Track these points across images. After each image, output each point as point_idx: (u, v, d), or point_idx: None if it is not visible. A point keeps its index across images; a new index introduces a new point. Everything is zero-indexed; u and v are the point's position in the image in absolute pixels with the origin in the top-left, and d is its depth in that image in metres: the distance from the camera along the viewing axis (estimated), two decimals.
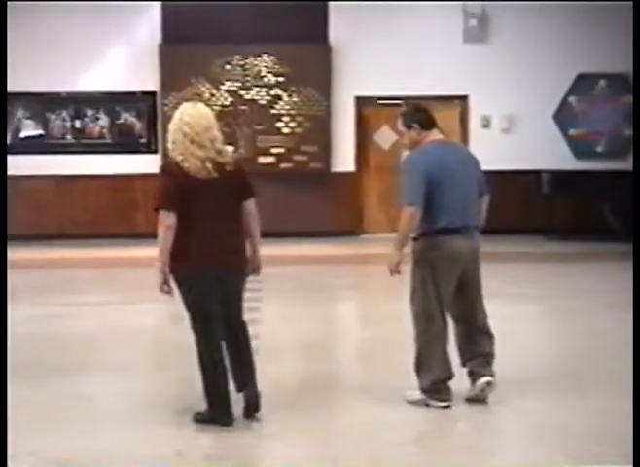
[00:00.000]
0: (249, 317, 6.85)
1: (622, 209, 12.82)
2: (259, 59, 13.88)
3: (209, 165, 4.91)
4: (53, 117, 13.96)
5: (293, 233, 13.54)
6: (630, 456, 4.04)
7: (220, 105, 13.65)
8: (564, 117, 14.24)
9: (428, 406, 5.38)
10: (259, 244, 5.19)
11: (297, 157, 14.02)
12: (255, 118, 13.93)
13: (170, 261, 4.93)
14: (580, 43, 13.98)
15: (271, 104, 13.95)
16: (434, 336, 5.37)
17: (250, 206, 5.11)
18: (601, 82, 14.15)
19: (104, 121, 14.03)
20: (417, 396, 5.46)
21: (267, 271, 5.36)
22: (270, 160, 13.99)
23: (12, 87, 13.16)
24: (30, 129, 13.95)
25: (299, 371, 6.45)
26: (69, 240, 13.42)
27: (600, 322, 8.11)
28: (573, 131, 14.29)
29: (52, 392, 5.86)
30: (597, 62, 13.95)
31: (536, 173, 13.70)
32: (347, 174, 14.20)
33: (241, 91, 13.91)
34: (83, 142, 14.03)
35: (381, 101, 14.05)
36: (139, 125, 14.04)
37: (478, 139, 13.97)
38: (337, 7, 13.90)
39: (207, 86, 13.84)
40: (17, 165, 13.42)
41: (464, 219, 5.38)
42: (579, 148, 14.25)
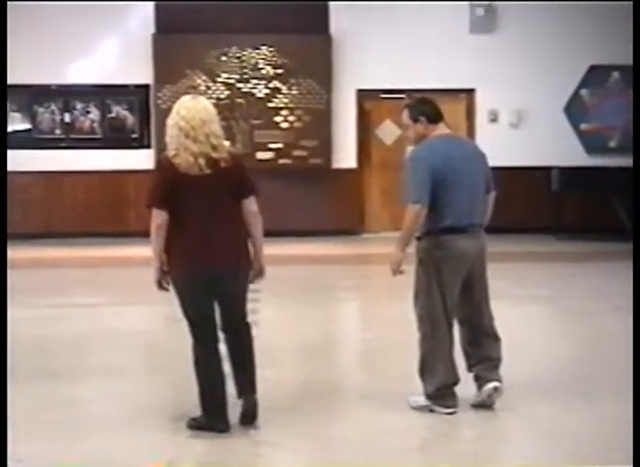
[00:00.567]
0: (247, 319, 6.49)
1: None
2: (257, 50, 13.67)
3: (202, 161, 4.82)
4: (41, 110, 13.77)
5: (292, 232, 13.43)
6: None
7: (216, 98, 13.42)
8: (575, 111, 14.07)
9: (433, 412, 5.31)
10: (261, 245, 5.10)
11: (296, 152, 13.80)
12: (252, 111, 13.70)
13: (166, 260, 4.90)
14: (592, 33, 13.78)
15: (270, 97, 13.73)
16: (439, 340, 5.30)
17: (250, 205, 5.00)
18: (614, 74, 13.98)
19: (95, 114, 13.84)
20: (422, 402, 5.38)
21: (267, 271, 5.22)
22: (269, 155, 13.77)
23: None
24: (17, 123, 13.75)
25: (298, 374, 6.49)
26: (58, 239, 13.32)
27: (611, 324, 8.02)
28: (584, 126, 14.13)
29: (41, 397, 5.82)
30: (610, 54, 13.75)
31: (546, 169, 13.58)
32: (348, 170, 14.05)
33: (238, 84, 13.68)
34: (72, 137, 13.83)
35: (384, 95, 13.89)
36: (131, 120, 13.86)
37: (485, 134, 13.92)
38: None
39: (203, 78, 13.63)
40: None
41: (470, 218, 5.29)
42: (590, 143, 14.09)
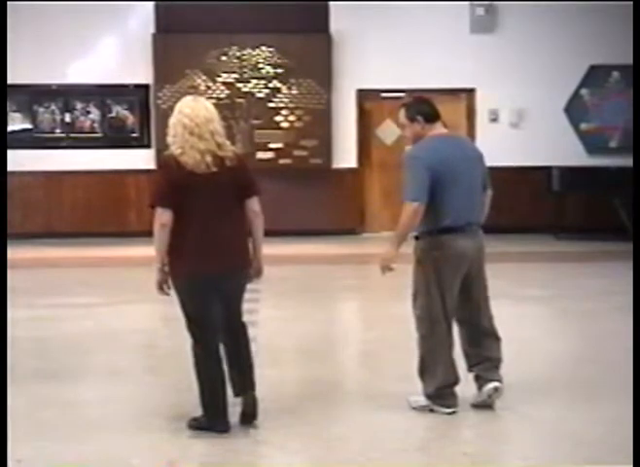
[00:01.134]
0: (247, 319, 6.50)
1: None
2: (257, 50, 13.60)
3: (209, 159, 4.80)
4: (41, 110, 13.71)
5: (292, 232, 13.39)
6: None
7: (216, 98, 13.37)
8: (575, 110, 14.01)
9: (433, 412, 5.29)
10: (261, 245, 5.10)
11: (296, 152, 13.75)
12: (253, 111, 13.65)
13: (169, 261, 4.85)
14: (592, 33, 13.72)
15: (270, 97, 13.67)
16: (438, 340, 5.27)
17: (254, 205, 5.00)
18: (614, 74, 13.91)
19: (95, 114, 13.77)
20: (422, 402, 5.36)
21: (266, 271, 5.22)
22: (269, 155, 13.71)
23: None
24: (18, 123, 13.69)
25: (298, 375, 6.47)
26: (58, 239, 13.26)
27: (612, 324, 8.00)
28: (585, 126, 14.06)
29: (41, 397, 5.79)
30: (610, 53, 13.69)
31: (546, 169, 13.51)
32: (349, 170, 14.00)
33: (238, 84, 13.62)
34: (72, 136, 13.76)
35: (384, 94, 13.84)
36: (131, 119, 13.79)
37: (485, 134, 13.92)
38: None
39: (203, 78, 13.57)
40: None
41: (468, 217, 5.26)
42: (591, 143, 14.03)
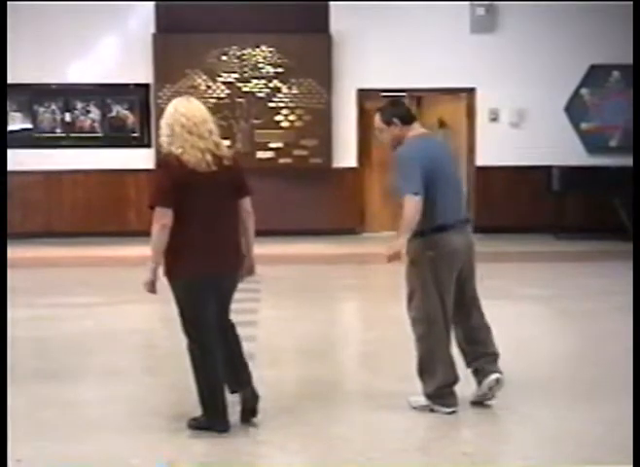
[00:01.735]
0: (247, 319, 6.55)
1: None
2: (257, 50, 13.58)
3: (209, 157, 4.81)
4: (41, 110, 13.68)
5: (292, 232, 13.39)
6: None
7: (216, 98, 13.40)
8: (576, 110, 13.97)
9: (433, 412, 5.30)
10: (253, 244, 5.14)
11: (296, 151, 13.71)
12: (253, 111, 13.62)
13: (166, 261, 4.81)
14: (592, 32, 13.70)
15: (270, 97, 13.65)
16: (436, 340, 5.28)
17: (247, 204, 5.04)
18: (615, 73, 13.87)
19: (95, 114, 13.75)
20: (422, 402, 5.36)
21: (266, 271, 5.33)
22: (269, 154, 13.69)
23: None
24: (18, 122, 13.66)
25: (298, 375, 6.46)
26: (58, 238, 13.23)
27: (612, 324, 7.98)
28: (585, 125, 14.02)
29: (40, 397, 5.78)
30: (611, 53, 13.67)
31: (546, 169, 13.49)
32: (349, 170, 13.98)
33: (239, 83, 13.59)
34: (73, 136, 13.73)
35: (384, 94, 13.72)
36: (132, 119, 13.77)
37: (485, 134, 13.94)
38: None
39: (203, 77, 13.55)
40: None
41: (457, 214, 5.32)
42: (591, 142, 13.99)
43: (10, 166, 12.63)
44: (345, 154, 13.83)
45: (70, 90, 13.61)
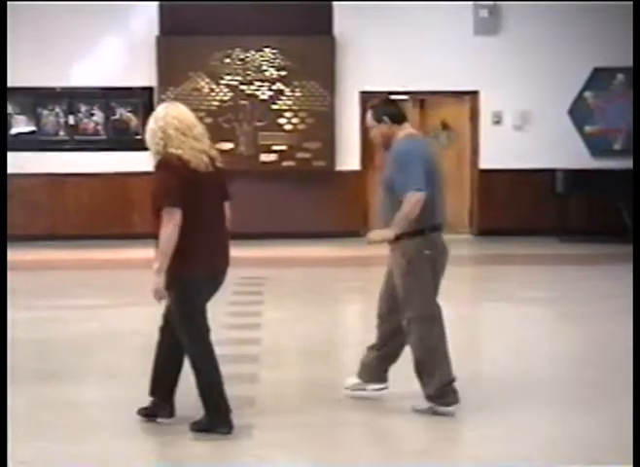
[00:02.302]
0: (251, 321, 6.50)
1: None
2: (260, 53, 13.62)
3: (206, 159, 4.86)
4: (45, 113, 13.74)
5: (295, 234, 13.39)
6: None
7: (219, 100, 13.41)
8: (579, 113, 14.00)
9: (436, 413, 5.24)
10: None
11: (299, 154, 13.72)
12: (256, 114, 13.63)
13: (174, 260, 4.75)
14: (596, 35, 13.72)
15: (273, 99, 13.67)
16: (437, 339, 5.25)
17: (227, 207, 5.08)
18: (618, 76, 13.90)
19: (99, 117, 13.81)
20: (424, 405, 5.30)
21: (269, 274, 5.33)
22: (272, 157, 13.67)
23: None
24: (22, 126, 13.73)
25: (301, 377, 6.44)
26: (61, 241, 13.28)
27: (615, 327, 7.91)
28: (589, 128, 14.05)
29: (41, 398, 5.75)
30: (614, 56, 13.70)
31: (550, 172, 13.51)
32: (352, 172, 13.99)
33: (242, 86, 13.62)
34: (76, 139, 13.80)
35: (384, 97, 13.66)
36: (135, 122, 13.80)
37: (489, 136, 13.93)
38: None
39: (206, 80, 13.57)
40: (8, 163, 13.09)
41: (444, 214, 5.35)
42: (595, 145, 14.02)
43: (15, 169, 12.67)
44: (348, 156, 13.84)
45: (74, 93, 13.65)
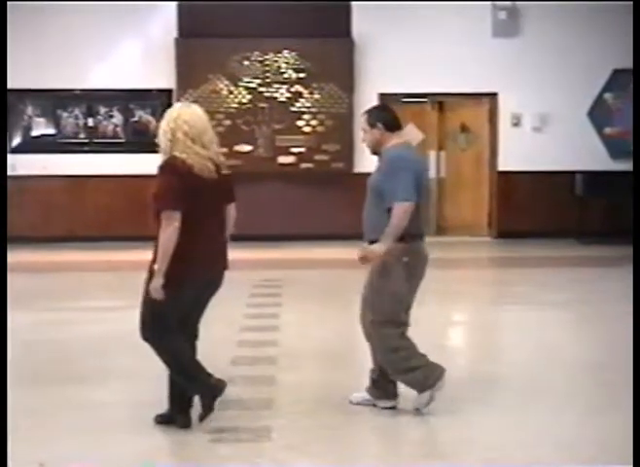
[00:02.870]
0: (268, 323, 6.46)
1: None
2: (279, 55, 13.63)
3: (210, 165, 4.89)
4: (65, 115, 13.78)
5: (313, 236, 13.41)
6: None
7: (238, 103, 13.41)
8: (599, 115, 13.94)
9: (433, 399, 5.26)
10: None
11: (318, 156, 13.71)
12: (275, 116, 13.63)
13: (172, 261, 4.82)
14: (615, 36, 13.63)
15: (292, 101, 13.67)
16: (408, 349, 5.26)
17: (233, 210, 5.14)
18: None
19: (118, 119, 13.84)
20: (425, 398, 5.27)
21: (288, 275, 5.34)
22: (291, 159, 13.65)
23: (22, 83, 13.12)
24: (41, 128, 13.76)
25: (319, 378, 6.43)
26: (80, 243, 13.31)
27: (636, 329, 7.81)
28: (608, 130, 14.00)
29: (59, 400, 5.76)
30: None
31: (569, 174, 13.53)
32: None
33: (260, 88, 13.62)
34: (96, 141, 13.84)
35: (406, 99, 13.82)
36: (154, 124, 13.66)
37: (508, 138, 13.87)
38: (361, 0, 13.57)
39: (225, 82, 13.57)
40: (28, 165, 13.39)
41: (426, 224, 5.40)
42: (614, 147, 13.94)
43: (34, 171, 12.73)
44: (367, 159, 13.42)
45: (93, 96, 13.68)
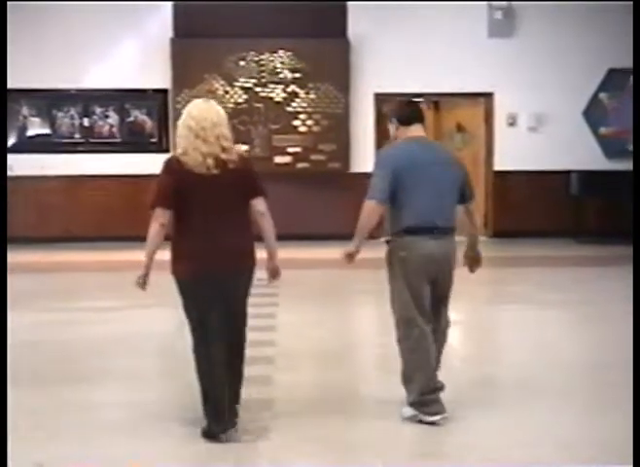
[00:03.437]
0: (265, 323, 6.45)
1: None
2: (275, 55, 13.64)
3: (210, 161, 4.81)
4: (60, 115, 13.76)
5: (310, 236, 13.40)
6: None
7: (234, 102, 13.42)
8: (594, 114, 13.96)
9: (421, 422, 5.18)
10: (274, 246, 5.10)
11: (314, 156, 13.73)
12: (271, 116, 13.65)
13: (171, 262, 4.93)
14: (611, 36, 13.66)
15: (288, 101, 13.68)
16: (415, 342, 5.22)
17: (257, 205, 4.98)
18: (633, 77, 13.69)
19: (114, 119, 13.83)
20: (409, 412, 5.27)
21: (284, 276, 5.23)
22: (287, 159, 13.70)
23: (18, 83, 13.05)
24: (37, 128, 13.75)
25: (315, 379, 6.43)
26: (76, 243, 13.30)
27: (630, 328, 7.69)
28: (604, 129, 14.00)
29: (57, 401, 5.77)
30: (629, 57, 13.37)
31: (565, 173, 13.52)
32: (367, 175, 13.49)
33: (256, 88, 13.64)
34: (91, 141, 13.83)
35: (402, 99, 13.64)
36: (150, 124, 13.82)
37: (503, 138, 13.89)
38: (357, 0, 13.59)
39: (221, 82, 13.58)
40: (23, 165, 13.35)
41: (434, 220, 5.23)
42: (610, 147, 13.96)
43: (30, 171, 12.71)
44: (363, 158, 13.72)
45: (89, 96, 13.67)
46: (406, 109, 5.40)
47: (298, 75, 13.57)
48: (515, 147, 13.72)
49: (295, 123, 13.63)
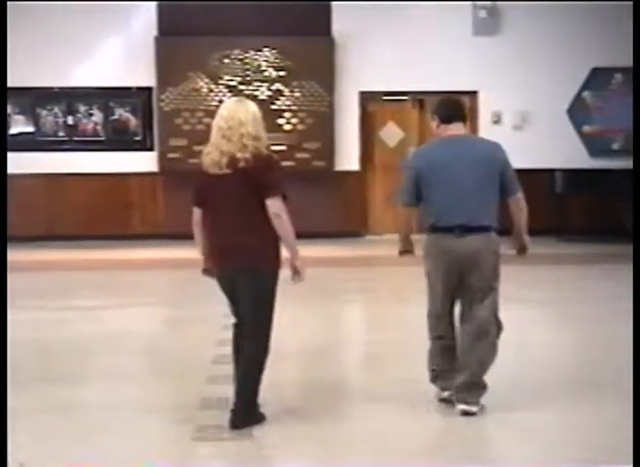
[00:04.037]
0: None
1: None
2: (259, 53, 13.62)
3: (224, 160, 4.85)
4: (44, 113, 13.73)
5: (295, 235, 13.09)
6: None
7: (218, 101, 13.29)
8: (578, 113, 14.01)
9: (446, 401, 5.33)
10: (292, 246, 5.08)
11: (299, 154, 13.72)
12: None
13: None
14: (595, 35, 13.74)
15: (272, 100, 13.65)
16: (441, 335, 5.40)
17: (272, 206, 4.90)
18: (617, 76, 13.92)
19: (98, 117, 13.80)
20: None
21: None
22: None
23: None
24: (20, 126, 13.72)
25: (303, 377, 6.46)
26: (60, 241, 13.26)
27: (614, 327, 7.92)
28: (587, 128, 14.06)
29: (43, 400, 5.73)
30: (613, 56, 13.74)
31: (549, 172, 13.50)
32: (352, 173, 13.98)
33: (241, 86, 13.62)
34: (75, 139, 13.80)
35: (387, 97, 13.85)
36: (134, 122, 13.77)
37: (488, 136, 13.26)
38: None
39: (205, 80, 13.57)
40: (7, 163, 13.10)
41: (457, 219, 5.22)
42: (593, 145, 14.03)
43: (13, 170, 12.64)
44: (348, 157, 13.83)
45: (73, 94, 13.64)
46: (443, 107, 5.41)
47: (282, 73, 13.57)
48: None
49: (279, 121, 13.61)
